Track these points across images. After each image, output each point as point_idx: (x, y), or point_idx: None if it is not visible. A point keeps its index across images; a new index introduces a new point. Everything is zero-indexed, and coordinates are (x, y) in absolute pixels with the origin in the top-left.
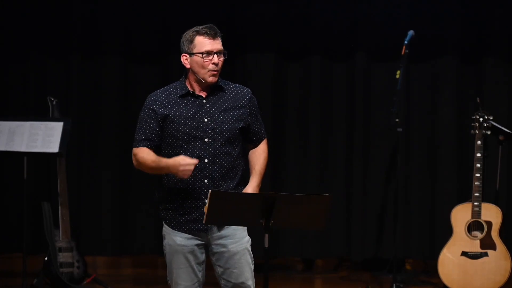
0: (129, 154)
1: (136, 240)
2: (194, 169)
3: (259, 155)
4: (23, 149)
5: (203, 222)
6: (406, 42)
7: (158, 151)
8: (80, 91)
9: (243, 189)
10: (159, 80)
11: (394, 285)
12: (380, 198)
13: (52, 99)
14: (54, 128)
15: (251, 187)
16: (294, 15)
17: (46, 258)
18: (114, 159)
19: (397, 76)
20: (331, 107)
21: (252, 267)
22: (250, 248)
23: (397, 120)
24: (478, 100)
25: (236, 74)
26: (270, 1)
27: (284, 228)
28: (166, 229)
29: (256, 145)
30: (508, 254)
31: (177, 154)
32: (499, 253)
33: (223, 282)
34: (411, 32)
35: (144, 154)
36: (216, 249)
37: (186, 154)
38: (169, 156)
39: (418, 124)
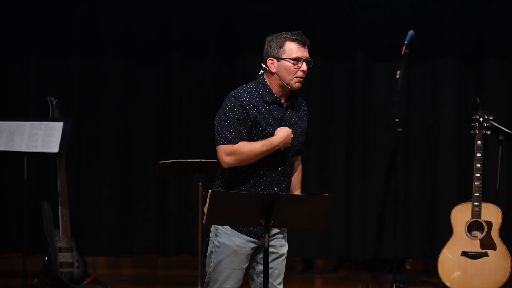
0: (129, 153)
1: (136, 240)
2: (267, 177)
3: (299, 171)
4: (23, 149)
5: (203, 222)
6: (406, 42)
7: None
8: (80, 91)
9: None
10: (159, 80)
11: (394, 285)
12: (380, 198)
13: (52, 99)
14: (54, 128)
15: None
16: (294, 15)
17: (46, 258)
18: (114, 159)
19: (397, 76)
20: (331, 107)
21: None
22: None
23: (397, 120)
24: (478, 100)
25: (236, 74)
26: (270, 1)
27: (284, 228)
28: (224, 229)
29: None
30: (508, 254)
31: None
32: (499, 253)
33: (260, 280)
34: (411, 32)
35: (247, 145)
36: (272, 249)
37: (263, 162)
38: (254, 165)
39: (418, 124)
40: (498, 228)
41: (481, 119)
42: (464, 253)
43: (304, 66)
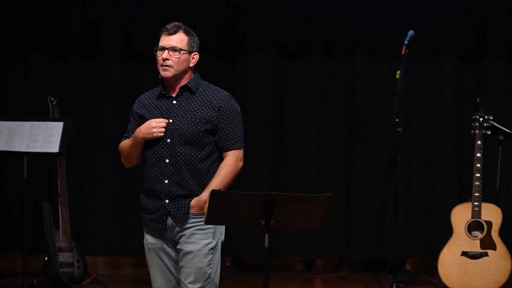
0: None
1: (136, 240)
2: (155, 169)
3: (219, 169)
4: (23, 149)
5: (203, 222)
6: (406, 42)
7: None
8: (80, 91)
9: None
10: (159, 80)
11: (394, 285)
12: (380, 198)
13: (52, 99)
14: (54, 128)
15: (194, 200)
16: (294, 14)
17: (46, 258)
18: (114, 159)
19: (397, 76)
20: (331, 106)
21: (209, 270)
22: (210, 252)
23: (397, 120)
24: (478, 100)
25: (236, 74)
26: (270, 0)
27: (284, 228)
28: (143, 228)
29: (223, 153)
30: (508, 254)
31: (144, 154)
32: (499, 253)
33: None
34: (411, 32)
35: (123, 143)
36: (178, 246)
37: (149, 154)
38: (146, 158)
39: (418, 124)
40: (498, 228)
41: (481, 119)
42: (464, 253)
43: (165, 54)
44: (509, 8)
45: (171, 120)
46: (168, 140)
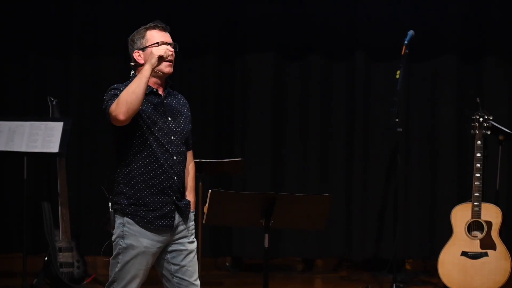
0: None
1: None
2: (165, 165)
3: (191, 169)
4: (23, 149)
5: (203, 222)
6: (406, 42)
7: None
8: (80, 91)
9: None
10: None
11: (394, 285)
12: (380, 198)
13: (52, 99)
14: (54, 128)
15: (193, 199)
16: (293, 14)
17: (46, 258)
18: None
19: (397, 76)
20: (331, 106)
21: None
22: None
23: (397, 120)
24: (478, 100)
25: (236, 74)
26: (270, 1)
27: (284, 228)
28: (129, 229)
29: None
30: (508, 254)
31: (147, 146)
32: (499, 253)
33: (176, 280)
34: (411, 32)
35: (123, 92)
36: (175, 247)
37: (157, 149)
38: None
39: (418, 124)
40: (498, 228)
41: (481, 119)
42: (464, 253)
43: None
44: (509, 8)
45: (169, 118)
46: (172, 138)
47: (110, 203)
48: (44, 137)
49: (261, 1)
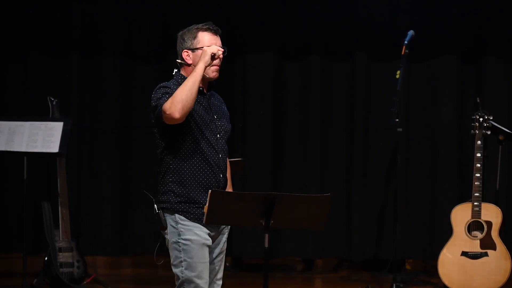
0: (129, 154)
1: (136, 240)
2: (212, 163)
3: (228, 166)
4: (23, 149)
5: (203, 222)
6: (406, 42)
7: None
8: (80, 91)
9: None
10: (159, 80)
11: (394, 285)
12: (380, 198)
13: (52, 99)
14: (54, 128)
15: None
16: (294, 14)
17: (46, 258)
18: (114, 159)
19: (397, 76)
20: (331, 106)
21: None
22: None
23: (397, 120)
24: (478, 100)
25: (236, 74)
26: (269, 1)
27: (284, 228)
28: (183, 225)
29: None
30: (508, 254)
31: (194, 145)
32: (499, 253)
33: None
34: (411, 32)
35: (178, 91)
36: (213, 245)
37: (205, 147)
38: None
39: (418, 124)
40: (498, 228)
41: (481, 119)
42: (464, 253)
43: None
44: (509, 8)
45: (215, 116)
46: (218, 136)
47: (155, 205)
48: (44, 137)
49: (261, 1)
